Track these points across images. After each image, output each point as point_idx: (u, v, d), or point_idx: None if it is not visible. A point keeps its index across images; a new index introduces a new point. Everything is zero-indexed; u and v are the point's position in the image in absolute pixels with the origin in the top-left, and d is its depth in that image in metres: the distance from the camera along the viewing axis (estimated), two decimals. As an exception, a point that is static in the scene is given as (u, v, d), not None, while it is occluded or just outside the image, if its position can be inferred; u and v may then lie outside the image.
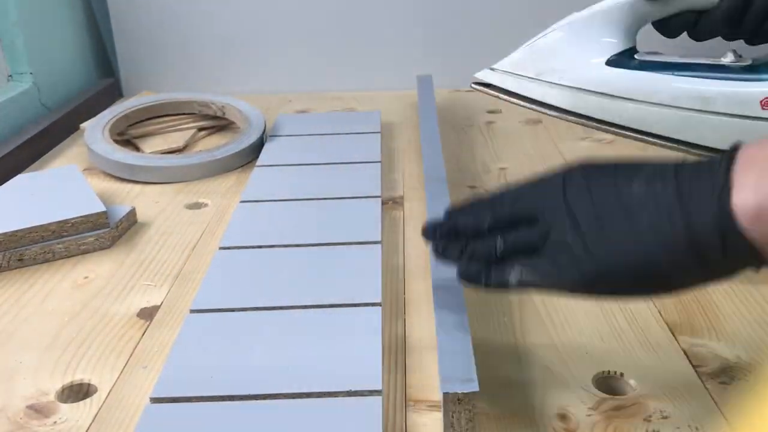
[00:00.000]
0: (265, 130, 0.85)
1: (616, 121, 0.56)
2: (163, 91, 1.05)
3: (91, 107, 0.97)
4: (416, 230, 0.64)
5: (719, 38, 0.56)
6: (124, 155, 0.77)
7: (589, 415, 0.42)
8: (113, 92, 1.09)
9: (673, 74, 0.55)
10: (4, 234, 0.59)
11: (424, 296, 0.55)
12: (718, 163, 0.35)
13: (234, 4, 1.06)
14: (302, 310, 0.50)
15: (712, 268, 0.36)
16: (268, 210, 0.66)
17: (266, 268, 0.56)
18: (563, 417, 0.42)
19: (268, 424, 0.40)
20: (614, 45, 0.57)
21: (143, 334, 0.51)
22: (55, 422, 0.43)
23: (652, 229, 0.35)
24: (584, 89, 0.56)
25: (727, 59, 0.56)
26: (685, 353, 0.47)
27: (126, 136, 0.87)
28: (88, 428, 0.42)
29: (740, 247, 0.34)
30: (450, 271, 0.46)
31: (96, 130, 0.82)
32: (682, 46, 0.60)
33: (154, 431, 0.40)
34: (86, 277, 0.58)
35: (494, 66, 0.61)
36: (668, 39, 0.58)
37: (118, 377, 0.47)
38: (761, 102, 0.52)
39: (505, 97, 0.61)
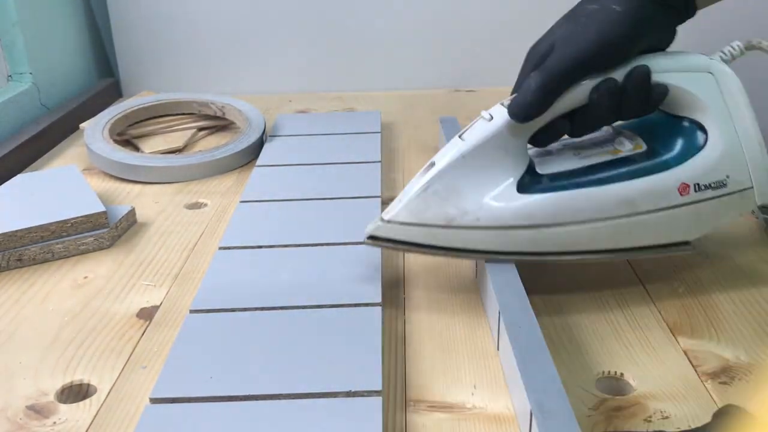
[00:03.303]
0: (265, 130, 0.85)
1: (551, 249, 0.51)
2: (163, 91, 1.05)
3: (91, 107, 0.97)
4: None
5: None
6: (124, 155, 0.77)
7: (589, 416, 0.42)
8: (113, 92, 1.08)
9: (589, 186, 0.51)
10: (4, 234, 0.59)
11: (424, 296, 0.55)
12: None
13: (234, 4, 1.06)
14: (302, 310, 0.50)
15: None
16: (267, 210, 0.66)
17: (266, 268, 0.56)
18: (563, 417, 0.42)
19: (268, 424, 0.40)
20: (515, 167, 0.51)
21: (143, 334, 0.51)
22: (54, 422, 0.43)
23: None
24: (509, 226, 0.50)
25: (625, 148, 0.53)
26: (685, 353, 0.47)
27: (126, 136, 0.87)
28: (88, 428, 0.42)
29: None
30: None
31: (96, 130, 0.82)
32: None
33: (154, 431, 0.40)
34: (86, 277, 0.58)
35: (387, 217, 0.51)
36: None
37: (118, 377, 0.47)
38: (678, 189, 0.51)
39: (416, 249, 0.52)
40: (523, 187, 0.51)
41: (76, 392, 0.46)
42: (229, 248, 0.59)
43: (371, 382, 0.42)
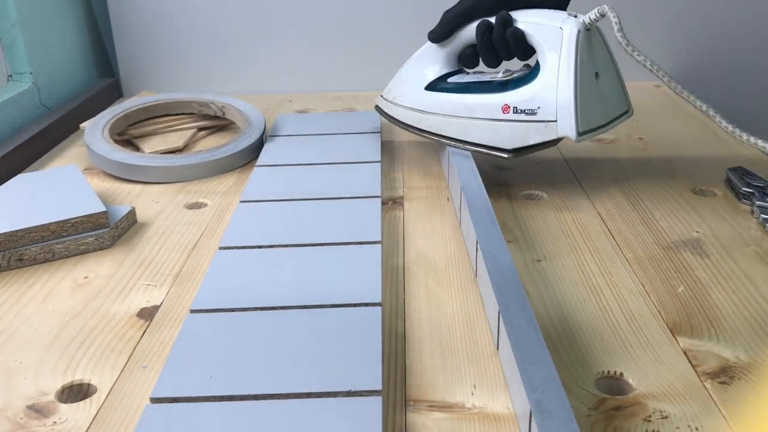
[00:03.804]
0: (264, 130, 0.85)
1: (427, 129, 0.74)
2: (163, 91, 1.05)
3: (91, 107, 0.97)
4: (416, 230, 0.64)
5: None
6: (124, 155, 0.77)
7: (589, 415, 0.42)
8: (113, 92, 1.09)
9: (455, 94, 0.72)
10: (4, 234, 0.59)
11: (424, 296, 0.55)
12: None
13: (234, 4, 1.06)
14: (302, 310, 0.50)
15: None
16: (267, 210, 0.66)
17: (266, 268, 0.56)
18: (563, 417, 0.42)
19: (268, 424, 0.40)
20: (434, 73, 0.74)
21: (143, 334, 0.51)
22: (55, 422, 0.43)
23: None
24: (413, 108, 0.75)
25: (498, 76, 0.71)
26: (684, 353, 0.47)
27: (126, 136, 0.87)
28: (88, 428, 0.42)
29: None
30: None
31: (96, 130, 0.82)
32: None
33: (154, 431, 0.40)
34: (86, 277, 0.58)
35: (383, 94, 0.79)
36: None
37: (118, 377, 0.47)
38: (501, 108, 0.68)
39: (388, 119, 0.78)
40: (429, 86, 0.74)
41: (77, 392, 0.46)
42: (229, 248, 0.59)
43: (371, 382, 0.43)
